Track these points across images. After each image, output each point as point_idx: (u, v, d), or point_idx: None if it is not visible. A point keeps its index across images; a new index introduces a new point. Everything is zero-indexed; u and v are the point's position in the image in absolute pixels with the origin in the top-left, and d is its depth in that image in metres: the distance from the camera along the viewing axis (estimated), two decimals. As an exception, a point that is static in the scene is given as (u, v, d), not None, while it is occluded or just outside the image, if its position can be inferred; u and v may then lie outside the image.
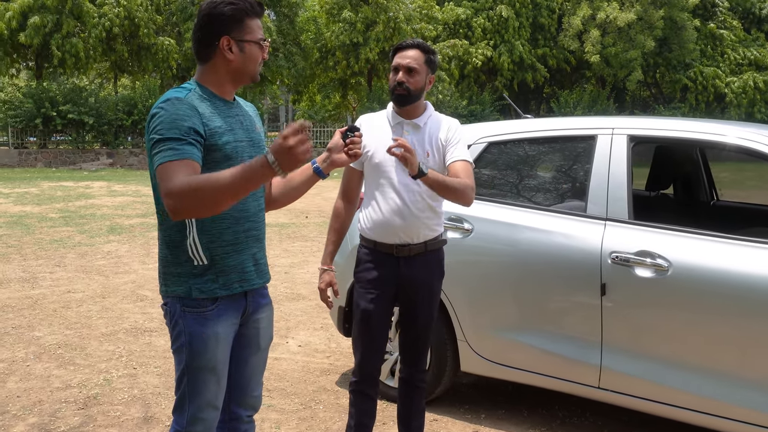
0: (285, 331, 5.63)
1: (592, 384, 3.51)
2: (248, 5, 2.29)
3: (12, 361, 4.81)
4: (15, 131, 26.96)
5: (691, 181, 4.80)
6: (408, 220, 2.96)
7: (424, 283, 3.05)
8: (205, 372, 2.33)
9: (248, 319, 2.47)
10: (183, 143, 2.11)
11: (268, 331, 2.57)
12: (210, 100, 2.29)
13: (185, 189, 2.01)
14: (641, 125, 3.71)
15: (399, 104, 2.97)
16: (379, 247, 3.02)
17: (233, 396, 2.54)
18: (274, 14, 31.13)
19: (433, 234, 3.05)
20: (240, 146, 2.32)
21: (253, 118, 2.49)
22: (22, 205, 13.63)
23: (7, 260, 8.23)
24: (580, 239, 3.53)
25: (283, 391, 4.37)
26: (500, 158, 4.04)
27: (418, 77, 2.93)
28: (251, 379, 2.55)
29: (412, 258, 3.01)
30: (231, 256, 2.32)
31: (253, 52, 2.32)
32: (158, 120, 2.16)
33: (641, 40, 31.38)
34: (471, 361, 3.91)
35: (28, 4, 26.30)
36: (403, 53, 2.95)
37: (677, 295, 3.25)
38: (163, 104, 2.19)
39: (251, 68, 2.34)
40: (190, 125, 2.16)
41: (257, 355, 2.54)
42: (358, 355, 3.13)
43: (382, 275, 3.02)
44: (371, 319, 3.04)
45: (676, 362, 3.28)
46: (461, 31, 33.30)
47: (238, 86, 2.41)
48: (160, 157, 2.10)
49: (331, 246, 3.16)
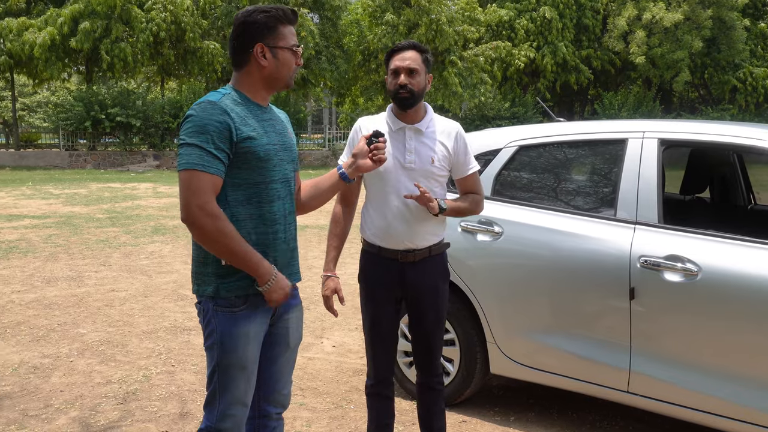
0: (320, 331, 5.71)
1: (621, 388, 3.50)
2: (281, 13, 2.39)
3: (56, 356, 4.99)
4: (66, 134, 27.74)
5: (727, 184, 4.73)
6: (412, 226, 2.98)
7: (429, 287, 3.07)
8: (236, 370, 2.41)
9: (278, 318, 2.54)
10: (210, 155, 2.23)
11: (297, 330, 2.64)
12: (245, 105, 2.38)
13: (219, 224, 2.24)
14: (672, 129, 3.69)
15: (403, 107, 2.95)
16: (384, 253, 3.04)
17: (263, 393, 2.61)
18: (317, 18, 31.42)
19: (436, 239, 3.08)
20: (273, 149, 2.41)
21: (285, 124, 2.57)
22: (71, 205, 14.04)
23: (55, 259, 8.50)
24: (609, 243, 3.52)
25: (315, 390, 4.45)
26: (531, 162, 4.05)
27: (419, 78, 2.93)
28: (280, 378, 2.63)
29: (417, 263, 3.03)
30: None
31: (286, 58, 2.41)
32: (189, 123, 2.27)
33: (688, 41, 30.80)
34: (500, 364, 3.93)
35: (79, 10, 27.05)
36: (401, 55, 2.95)
37: (707, 300, 3.22)
38: (196, 107, 2.29)
39: (285, 74, 2.43)
40: (218, 131, 2.25)
41: (286, 354, 2.61)
42: (370, 358, 3.17)
43: (386, 280, 3.06)
44: (380, 322, 3.09)
45: (705, 367, 3.25)
46: (504, 32, 33.13)
47: (272, 92, 2.49)
48: (186, 160, 2.23)
49: (333, 252, 3.16)
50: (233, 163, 2.32)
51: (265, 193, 2.40)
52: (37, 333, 5.53)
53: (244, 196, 2.36)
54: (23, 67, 29.90)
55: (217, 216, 2.24)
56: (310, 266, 8.11)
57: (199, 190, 2.23)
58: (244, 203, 2.37)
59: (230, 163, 2.32)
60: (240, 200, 2.36)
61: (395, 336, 3.19)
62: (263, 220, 2.41)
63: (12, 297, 6.64)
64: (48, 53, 27.16)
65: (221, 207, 2.31)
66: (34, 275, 7.59)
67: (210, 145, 2.24)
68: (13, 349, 5.14)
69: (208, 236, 2.26)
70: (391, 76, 2.96)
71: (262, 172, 2.38)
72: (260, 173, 2.38)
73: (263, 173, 2.38)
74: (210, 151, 2.24)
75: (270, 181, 2.41)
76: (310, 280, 7.43)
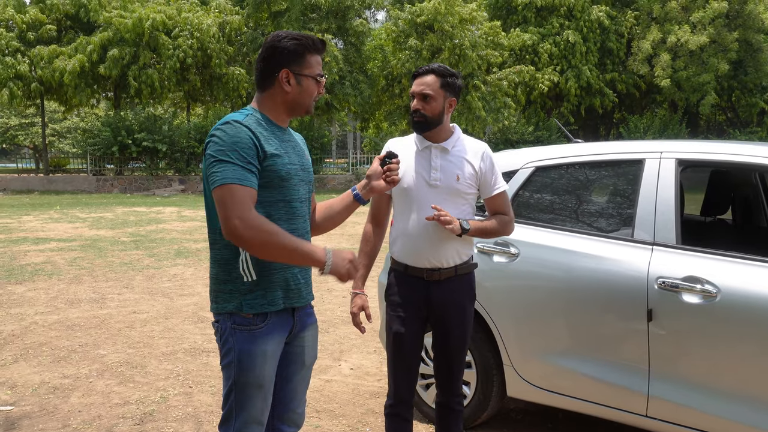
0: (338, 354, 5.70)
1: (640, 412, 3.44)
2: (310, 42, 2.43)
3: (76, 377, 5.02)
4: (93, 158, 28.18)
5: (749, 206, 4.67)
6: (437, 245, 2.98)
7: (455, 306, 3.06)
8: (253, 388, 2.41)
9: (294, 337, 2.55)
10: (244, 170, 2.27)
11: (313, 349, 2.65)
12: (267, 126, 2.42)
13: (262, 227, 2.25)
14: (690, 149, 3.65)
15: (417, 131, 3.02)
16: (410, 271, 3.06)
17: (277, 412, 2.61)
18: (341, 43, 31.75)
19: (462, 259, 3.07)
20: (293, 169, 2.44)
21: (302, 146, 2.61)
22: (96, 229, 14.21)
23: (79, 281, 8.59)
24: (626, 264, 3.48)
25: (332, 412, 4.43)
26: (547, 183, 4.03)
27: (435, 103, 2.96)
28: (295, 396, 2.63)
29: (443, 282, 3.03)
30: (278, 272, 2.42)
31: (309, 86, 2.45)
32: (218, 141, 2.30)
33: (714, 63, 30.58)
34: (517, 386, 3.88)
35: (108, 37, 27.64)
36: (419, 80, 2.99)
37: (726, 322, 3.16)
38: (222, 126, 2.33)
39: (306, 101, 2.47)
40: (248, 147, 2.29)
41: (301, 372, 2.62)
42: (391, 378, 3.16)
43: (412, 299, 3.06)
44: (403, 342, 3.08)
45: (726, 391, 3.19)
46: (527, 56, 33.17)
47: (293, 116, 2.54)
48: (221, 176, 2.25)
49: (363, 270, 3.18)
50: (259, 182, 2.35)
51: (286, 211, 2.44)
52: (58, 354, 5.58)
53: (265, 214, 2.37)
54: (53, 93, 30.57)
55: (260, 223, 2.26)
56: (330, 289, 8.11)
57: (239, 203, 2.25)
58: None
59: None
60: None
61: (418, 357, 3.17)
62: None
63: (35, 318, 6.71)
64: (77, 80, 27.74)
65: None
66: (58, 297, 7.68)
67: (242, 160, 2.28)
68: (34, 369, 5.19)
69: (256, 245, 2.29)
70: (411, 100, 3.02)
71: (282, 190, 2.41)
72: (281, 192, 2.41)
73: (284, 192, 2.42)
74: (243, 166, 2.28)
75: (290, 200, 2.45)
76: (330, 303, 7.43)
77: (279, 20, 29.88)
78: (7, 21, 29.23)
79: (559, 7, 32.93)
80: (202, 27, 28.34)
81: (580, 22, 32.92)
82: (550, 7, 33.22)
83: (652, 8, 32.64)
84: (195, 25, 28.52)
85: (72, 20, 30.78)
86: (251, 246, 2.29)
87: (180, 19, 28.65)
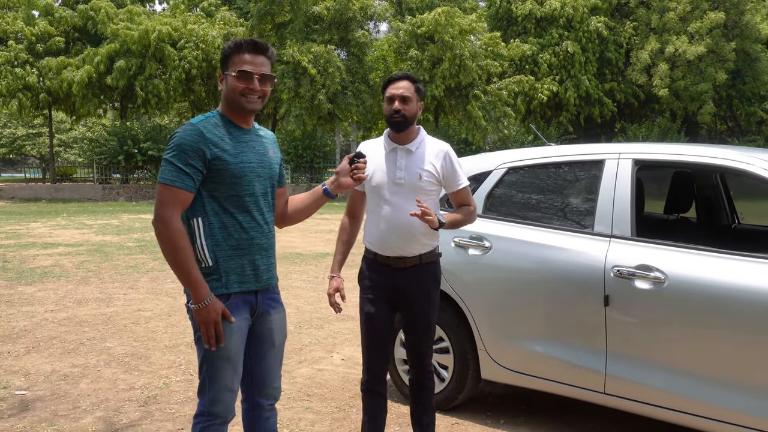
0: (331, 346, 6.04)
1: (599, 390, 3.77)
2: (234, 44, 2.74)
3: (85, 366, 5.38)
4: (100, 167, 28.63)
5: (711, 205, 5.01)
6: (403, 236, 3.32)
7: (419, 292, 3.39)
8: (222, 360, 2.72)
9: (260, 318, 2.85)
10: (180, 172, 2.58)
11: (281, 330, 2.96)
12: (225, 127, 2.73)
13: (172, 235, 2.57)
14: (646, 150, 4.00)
15: (397, 130, 3.32)
16: (379, 259, 3.41)
17: (255, 388, 2.95)
18: (344, 54, 32.21)
19: (427, 248, 3.39)
20: (248, 167, 2.72)
21: (266, 145, 2.88)
22: (103, 235, 14.60)
23: (86, 283, 8.96)
24: (587, 255, 3.82)
25: (321, 396, 4.77)
26: (518, 182, 4.39)
27: (412, 104, 3.30)
28: (269, 372, 2.94)
29: (408, 269, 3.37)
30: (232, 259, 2.72)
31: (232, 83, 2.71)
32: (171, 142, 2.64)
33: (712, 73, 30.95)
34: (490, 370, 4.22)
35: (115, 49, 28.19)
36: (396, 84, 3.32)
37: (673, 305, 3.50)
38: (180, 129, 2.67)
39: (234, 97, 2.71)
40: (191, 150, 2.59)
41: (273, 350, 2.93)
42: (365, 356, 3.50)
43: (381, 283, 3.41)
44: (374, 321, 3.42)
45: (673, 368, 3.51)
46: (527, 67, 33.61)
47: (241, 114, 2.76)
48: (160, 175, 2.61)
49: (339, 256, 3.54)
50: (210, 178, 2.65)
51: (241, 204, 2.72)
52: (67, 346, 5.93)
53: (219, 207, 2.68)
54: (61, 104, 31.12)
55: (176, 229, 2.56)
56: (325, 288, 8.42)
57: (165, 203, 2.57)
58: (220, 213, 2.69)
59: (208, 178, 2.64)
60: (216, 210, 2.68)
61: (388, 335, 3.49)
62: (240, 227, 2.72)
63: (46, 315, 7.08)
64: (85, 90, 28.28)
65: (200, 216, 2.67)
66: (67, 297, 8.05)
67: (182, 162, 2.58)
68: (45, 360, 5.55)
69: (162, 243, 2.59)
70: (387, 103, 3.32)
71: (235, 186, 2.69)
72: (233, 188, 2.69)
73: (236, 188, 2.69)
74: (181, 167, 2.58)
75: (243, 195, 2.72)
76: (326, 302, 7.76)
77: (282, 32, 30.40)
78: (17, 33, 29.81)
79: (558, 18, 33.39)
80: (207, 38, 28.86)
81: (579, 32, 33.37)
82: (549, 18, 33.68)
83: (650, 19, 33.06)
84: (200, 36, 29.06)
85: (80, 32, 31.37)
86: (159, 242, 2.59)
87: (185, 31, 29.18)
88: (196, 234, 2.69)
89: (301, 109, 28.87)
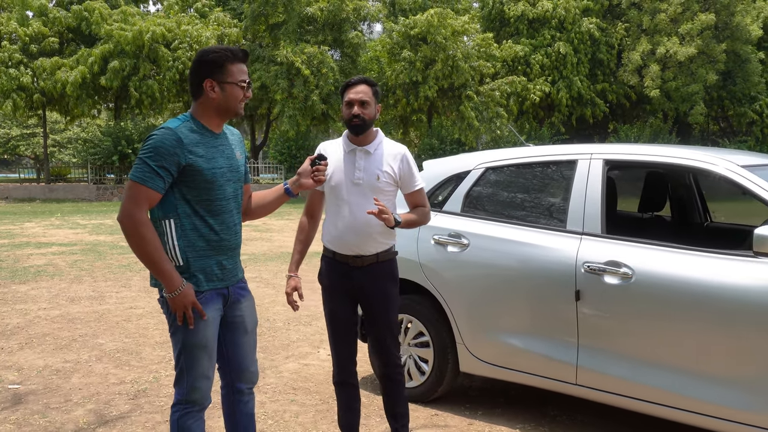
0: (318, 343, 6.19)
1: (570, 381, 3.93)
2: (229, 53, 2.84)
3: (77, 361, 5.52)
4: (94, 168, 28.73)
5: (684, 204, 5.17)
6: (360, 235, 3.44)
7: (378, 290, 3.52)
8: (198, 349, 2.85)
9: (231, 307, 3.00)
10: (152, 172, 2.68)
11: (251, 317, 3.11)
12: (199, 132, 2.83)
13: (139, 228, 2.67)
14: (617, 151, 4.17)
15: (356, 133, 3.42)
16: (337, 257, 3.53)
17: (234, 374, 3.10)
18: (338, 54, 32.34)
19: (384, 247, 3.52)
20: (219, 172, 2.85)
21: (233, 147, 2.99)
22: (96, 234, 14.72)
23: (79, 281, 9.09)
24: (559, 251, 3.98)
25: (306, 389, 4.92)
26: (495, 181, 4.54)
27: (371, 108, 3.42)
28: (245, 357, 3.10)
29: (366, 267, 3.49)
30: (202, 259, 2.85)
31: (233, 91, 2.84)
32: (148, 143, 2.74)
33: (703, 74, 31.18)
34: (468, 363, 4.37)
35: (109, 49, 28.30)
36: (354, 89, 3.42)
37: (640, 299, 3.66)
38: (157, 131, 2.76)
39: (232, 105, 2.86)
40: (167, 153, 2.69)
41: (246, 336, 3.08)
42: (333, 351, 3.66)
43: (340, 281, 3.54)
44: (337, 319, 3.57)
45: (641, 360, 3.67)
46: (519, 68, 33.81)
47: (224, 120, 2.92)
48: (132, 172, 2.72)
49: (297, 255, 3.64)
50: (183, 182, 2.76)
51: (212, 208, 2.84)
52: (60, 342, 6.07)
53: (191, 210, 2.80)
54: (55, 104, 31.21)
55: (142, 222, 2.67)
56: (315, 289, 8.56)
57: (134, 198, 2.68)
58: (192, 215, 2.80)
59: (181, 181, 2.75)
60: (188, 212, 2.80)
61: (353, 330, 3.63)
62: (211, 229, 2.85)
63: (39, 313, 7.21)
64: (79, 91, 28.39)
65: (172, 218, 2.78)
66: (60, 295, 8.18)
67: (155, 164, 2.67)
68: (38, 355, 5.68)
69: (130, 237, 2.70)
70: (346, 107, 3.43)
71: (207, 191, 2.81)
72: (206, 192, 2.81)
73: (209, 192, 2.81)
74: (154, 168, 2.67)
75: (215, 198, 2.84)
76: (314, 300, 7.90)
77: (276, 32, 30.49)
78: (11, 34, 29.90)
79: (550, 19, 33.59)
80: (201, 39, 28.97)
81: (571, 33, 33.58)
82: (541, 20, 33.88)
83: (641, 20, 33.28)
84: (194, 37, 29.18)
85: (74, 33, 31.45)
86: (126, 237, 2.70)
87: (179, 32, 29.30)
88: (167, 234, 2.79)
89: (294, 110, 28.99)
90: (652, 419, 3.81)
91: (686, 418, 3.56)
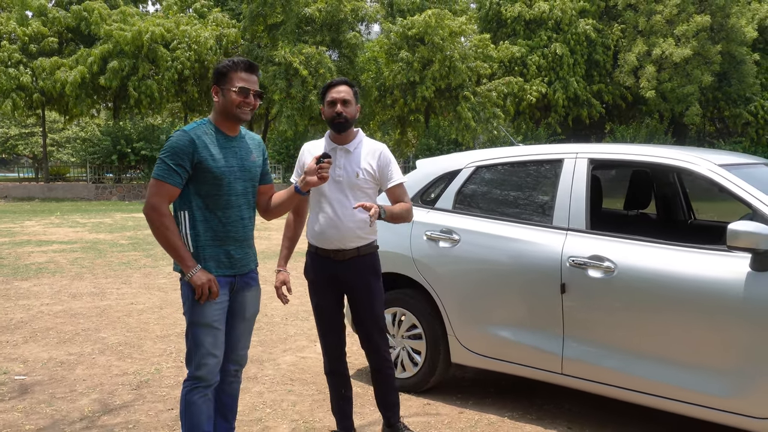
0: (315, 337, 6.34)
1: (556, 371, 4.10)
2: (233, 64, 3.17)
3: (80, 354, 5.68)
4: (93, 167, 28.86)
5: (669, 202, 5.35)
6: (341, 230, 3.61)
7: (360, 284, 3.69)
8: (202, 327, 3.16)
9: (236, 295, 3.29)
10: (171, 170, 3.07)
11: (253, 305, 3.40)
12: (214, 134, 3.19)
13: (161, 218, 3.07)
14: (601, 150, 4.34)
15: (339, 131, 3.60)
16: (320, 252, 3.71)
17: (225, 355, 3.32)
18: (336, 55, 32.50)
19: (364, 241, 3.68)
20: (229, 170, 3.18)
21: (250, 149, 3.31)
22: (96, 233, 14.88)
23: (80, 278, 9.26)
24: (545, 246, 4.15)
25: (303, 380, 5.09)
26: (485, 179, 4.71)
27: (352, 107, 3.60)
28: (239, 342, 3.38)
29: (348, 261, 3.66)
30: (210, 248, 3.18)
31: (230, 97, 3.14)
32: (167, 144, 3.13)
33: (698, 75, 31.39)
34: (459, 354, 4.54)
35: (108, 49, 28.45)
36: (336, 89, 3.60)
37: (622, 292, 3.83)
38: (175, 133, 3.13)
39: (230, 109, 3.17)
40: (182, 153, 3.07)
41: (243, 322, 3.36)
42: (322, 343, 3.84)
43: (324, 275, 3.72)
44: (323, 312, 3.76)
45: (623, 350, 3.84)
46: (516, 68, 33.99)
47: (233, 123, 3.23)
48: (154, 171, 3.09)
49: (284, 251, 3.84)
50: (196, 178, 3.11)
51: (221, 202, 3.17)
52: (63, 336, 6.23)
53: (203, 203, 3.16)
54: (54, 104, 31.35)
55: (164, 214, 3.07)
56: (314, 284, 8.76)
57: (157, 194, 3.08)
58: (203, 208, 3.16)
59: (193, 177, 3.11)
60: (200, 206, 3.16)
61: (340, 321, 3.81)
62: (220, 221, 3.18)
63: (42, 308, 7.37)
64: (78, 91, 28.55)
65: (186, 210, 3.15)
66: (62, 291, 8.34)
67: (173, 162, 3.06)
68: (42, 348, 5.85)
69: (152, 226, 3.09)
70: (329, 106, 3.60)
71: (217, 186, 3.15)
72: (216, 188, 3.15)
73: (218, 187, 3.15)
74: (172, 166, 3.06)
75: (225, 194, 3.17)
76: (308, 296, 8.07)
77: (274, 33, 30.67)
78: (10, 33, 30.04)
79: (547, 20, 33.78)
80: (200, 39, 29.15)
81: (568, 35, 33.78)
82: (538, 21, 34.08)
83: (637, 22, 33.49)
84: (193, 37, 29.34)
85: (73, 33, 31.61)
86: (150, 226, 3.10)
87: (178, 32, 29.46)
88: (182, 224, 3.16)
89: (292, 110, 29.16)
90: (637, 407, 3.98)
91: (667, 405, 3.73)
